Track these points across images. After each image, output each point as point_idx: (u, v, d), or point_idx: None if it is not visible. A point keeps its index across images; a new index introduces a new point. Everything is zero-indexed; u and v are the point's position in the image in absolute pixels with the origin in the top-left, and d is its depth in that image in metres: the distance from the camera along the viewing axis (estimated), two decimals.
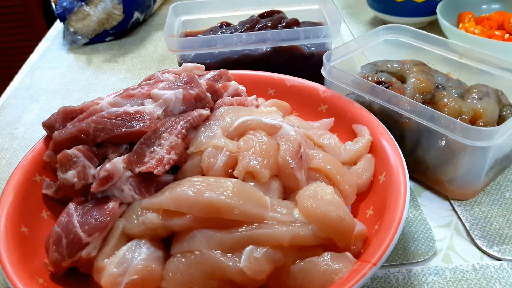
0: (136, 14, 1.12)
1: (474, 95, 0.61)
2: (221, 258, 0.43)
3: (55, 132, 0.53)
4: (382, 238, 0.44)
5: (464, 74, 0.69)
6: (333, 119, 0.65)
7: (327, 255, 0.44)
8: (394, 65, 0.69)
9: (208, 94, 0.59)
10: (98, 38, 1.10)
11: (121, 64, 1.02)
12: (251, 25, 0.83)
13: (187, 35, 0.89)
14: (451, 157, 0.57)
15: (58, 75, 0.99)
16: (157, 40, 1.12)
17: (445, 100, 0.60)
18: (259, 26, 0.82)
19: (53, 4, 1.52)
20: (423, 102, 0.61)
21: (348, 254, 0.45)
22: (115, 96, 0.57)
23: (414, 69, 0.66)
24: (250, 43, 0.76)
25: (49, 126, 0.57)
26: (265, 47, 0.78)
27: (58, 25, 1.25)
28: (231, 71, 0.70)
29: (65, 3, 1.05)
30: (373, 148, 0.58)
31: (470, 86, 0.64)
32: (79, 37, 1.07)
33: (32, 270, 0.46)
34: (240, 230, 0.44)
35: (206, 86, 0.60)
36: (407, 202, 0.47)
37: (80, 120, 0.54)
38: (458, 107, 0.60)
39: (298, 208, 0.46)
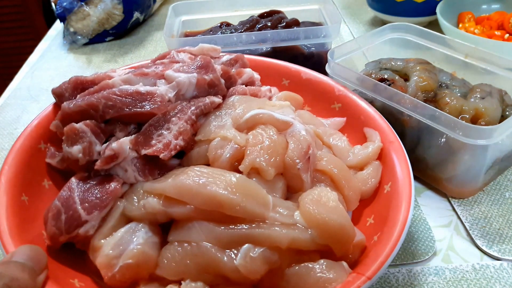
0: (136, 14, 1.11)
1: (476, 94, 0.61)
2: (217, 254, 0.43)
3: (65, 103, 0.52)
4: (380, 252, 0.44)
5: (470, 74, 0.69)
6: (345, 118, 0.64)
7: (322, 263, 0.44)
8: (398, 63, 0.69)
9: (222, 80, 0.58)
10: (98, 38, 1.08)
11: (121, 64, 1.00)
12: (251, 25, 0.82)
13: (187, 35, 0.89)
14: (450, 155, 0.57)
15: (58, 75, 0.98)
16: (157, 40, 1.10)
17: (447, 98, 0.60)
18: (259, 26, 0.82)
19: (53, 4, 1.50)
20: (425, 101, 0.61)
21: (344, 263, 0.44)
22: (128, 73, 0.56)
23: (418, 68, 0.66)
24: (250, 43, 0.76)
25: (58, 94, 0.57)
26: (265, 47, 0.78)
27: (58, 25, 1.23)
28: (247, 56, 0.69)
29: (65, 3, 1.04)
30: (382, 156, 0.57)
31: (474, 85, 0.65)
32: (79, 37, 1.06)
33: (28, 240, 0.46)
34: (239, 227, 0.44)
35: (221, 72, 0.59)
36: (410, 218, 0.46)
37: (91, 93, 0.53)
38: (460, 106, 0.60)
39: (300, 211, 0.46)
